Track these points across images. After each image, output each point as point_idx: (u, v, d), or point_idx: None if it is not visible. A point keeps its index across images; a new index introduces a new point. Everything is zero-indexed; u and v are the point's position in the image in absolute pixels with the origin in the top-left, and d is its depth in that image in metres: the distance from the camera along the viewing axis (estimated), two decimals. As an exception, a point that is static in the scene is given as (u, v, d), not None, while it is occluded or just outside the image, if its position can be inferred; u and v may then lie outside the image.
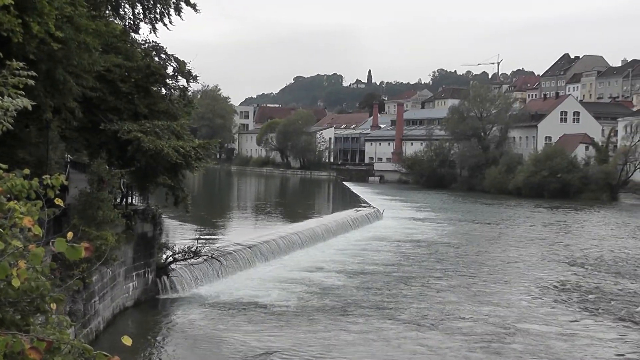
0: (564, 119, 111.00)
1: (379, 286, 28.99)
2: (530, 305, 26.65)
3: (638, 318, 24.95)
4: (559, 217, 65.11)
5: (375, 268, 33.35)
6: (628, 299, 28.30)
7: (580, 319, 24.73)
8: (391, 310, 24.71)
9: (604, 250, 42.49)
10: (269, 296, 25.94)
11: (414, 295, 27.58)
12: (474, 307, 25.78)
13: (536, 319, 24.42)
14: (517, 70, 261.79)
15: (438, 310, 25.00)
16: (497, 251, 41.64)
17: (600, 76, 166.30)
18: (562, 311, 25.82)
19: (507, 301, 27.13)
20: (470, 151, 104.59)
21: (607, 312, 25.80)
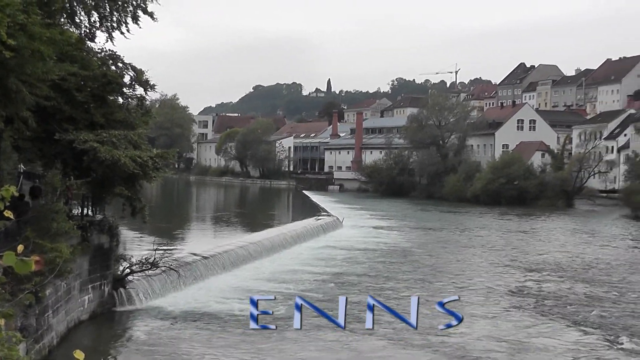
0: (520, 127, 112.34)
1: (339, 295, 28.89)
2: (487, 310, 26.80)
3: (593, 322, 25.25)
4: (516, 223, 65.81)
5: (336, 277, 33.30)
6: (583, 303, 28.66)
7: (536, 324, 24.96)
8: (350, 320, 24.60)
9: (560, 256, 42.98)
10: (228, 307, 25.73)
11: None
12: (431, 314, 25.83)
13: (493, 325, 24.60)
14: (474, 79, 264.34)
15: (395, 318, 24.96)
16: (455, 257, 41.87)
17: (555, 85, 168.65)
18: (518, 316, 26.05)
19: (464, 307, 27.24)
20: (429, 159, 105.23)
21: (562, 316, 26.09)
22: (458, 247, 47.68)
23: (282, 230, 46.70)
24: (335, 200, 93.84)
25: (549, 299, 29.29)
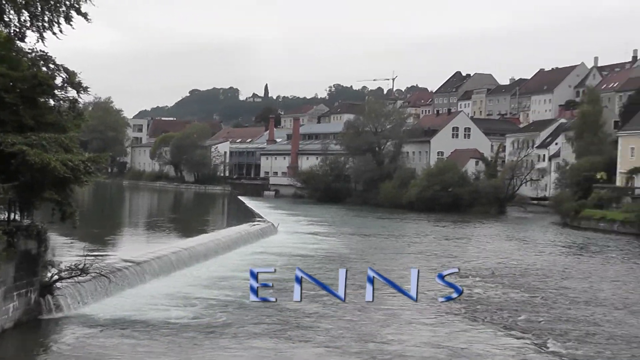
0: (455, 134, 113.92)
1: (274, 302, 28.68)
2: (419, 315, 26.96)
3: (523, 327, 25.65)
4: (450, 230, 66.59)
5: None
6: (514, 308, 29.10)
7: (469, 329, 25.22)
8: (284, 327, 24.51)
9: (493, 262, 43.61)
10: (160, 313, 25.33)
11: (306, 309, 27.44)
12: (365, 320, 25.90)
13: (428, 330, 24.75)
14: (411, 87, 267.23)
15: (329, 324, 24.96)
16: (389, 263, 42.05)
17: (490, 94, 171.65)
18: (450, 321, 26.26)
19: (397, 313, 27.37)
20: (365, 165, 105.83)
21: (494, 322, 26.42)
22: (393, 253, 47.95)
23: (217, 236, 46.27)
24: (270, 206, 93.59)
25: (481, 305, 29.65)
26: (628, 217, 66.27)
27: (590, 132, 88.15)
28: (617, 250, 53.11)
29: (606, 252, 51.88)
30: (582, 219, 71.89)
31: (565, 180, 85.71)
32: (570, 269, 41.95)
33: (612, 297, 32.26)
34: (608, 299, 31.67)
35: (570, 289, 34.45)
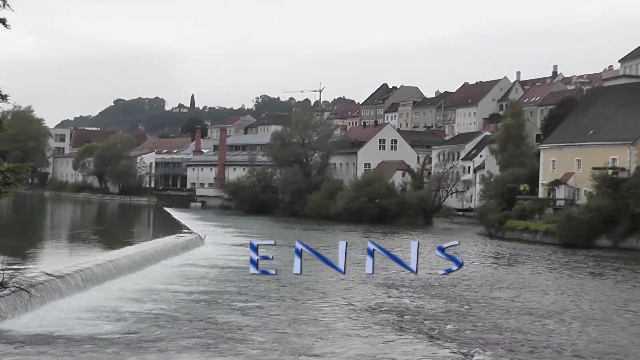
0: (382, 146, 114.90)
1: (201, 314, 28.24)
2: (348, 327, 26.86)
3: (449, 336, 25.79)
4: (377, 241, 66.44)
5: (200, 295, 32.56)
6: (440, 318, 29.28)
7: (396, 340, 25.25)
8: (216, 340, 24.05)
9: (420, 273, 43.72)
10: (83, 329, 24.56)
11: (233, 322, 27.06)
12: (291, 331, 25.66)
13: (354, 340, 24.68)
14: (338, 99, 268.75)
15: (257, 336, 24.64)
16: (315, 274, 41.89)
17: (416, 106, 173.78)
18: (377, 332, 26.24)
19: (323, 324, 27.24)
20: (292, 177, 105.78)
21: (420, 332, 26.52)
22: (319, 263, 47.72)
23: (142, 248, 45.33)
24: (197, 217, 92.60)
25: (409, 315, 29.75)
26: (550, 228, 67.71)
27: (513, 144, 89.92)
28: (540, 260, 54.13)
29: (530, 262, 52.84)
30: (507, 230, 73.20)
31: (490, 192, 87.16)
32: (496, 279, 42.55)
33: (537, 306, 32.74)
34: (533, 308, 32.13)
35: (496, 298, 34.89)
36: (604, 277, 45.14)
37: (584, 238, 63.72)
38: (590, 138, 74.19)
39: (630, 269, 49.24)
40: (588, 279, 44.34)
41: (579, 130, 77.08)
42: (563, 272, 47.36)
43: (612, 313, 31.79)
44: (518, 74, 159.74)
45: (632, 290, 39.62)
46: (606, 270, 48.27)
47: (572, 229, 64.33)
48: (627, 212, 63.15)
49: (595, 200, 65.94)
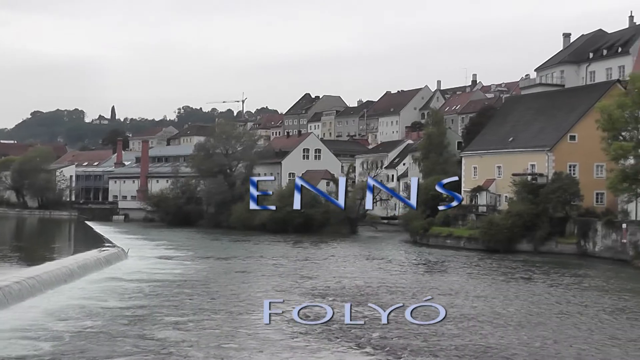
0: (306, 155, 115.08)
1: (123, 330, 27.61)
2: (276, 336, 26.67)
3: (375, 344, 25.89)
4: (303, 250, 66.89)
5: (119, 311, 31.82)
6: (367, 326, 29.29)
7: (322, 348, 25.20)
8: (138, 356, 23.55)
9: (346, 281, 44.01)
10: (2, 350, 23.71)
11: (157, 337, 26.56)
12: (218, 343, 25.39)
13: (280, 351, 24.49)
14: (261, 109, 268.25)
15: (195, 352, 24.25)
16: (243, 286, 41.68)
17: (339, 116, 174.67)
18: (304, 342, 26.13)
19: (252, 335, 26.99)
20: (216, 188, 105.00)
21: (348, 339, 26.51)
22: (245, 274, 47.57)
23: (63, 263, 44.17)
24: (120, 231, 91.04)
25: (335, 323, 29.67)
26: (473, 234, 68.89)
27: (435, 152, 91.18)
28: (464, 266, 54.94)
29: (454, 268, 53.58)
30: (431, 237, 74.10)
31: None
32: (422, 285, 42.98)
33: (462, 311, 33.14)
34: (458, 313, 32.49)
35: (421, 304, 35.13)
36: (526, 281, 46.09)
37: (506, 243, 65.04)
38: (509, 145, 75.84)
39: (551, 272, 50.41)
40: (510, 283, 45.17)
41: (498, 138, 78.72)
42: (486, 277, 48.16)
43: (537, 315, 32.43)
44: (439, 83, 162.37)
45: (554, 292, 40.52)
46: (528, 274, 49.30)
47: (494, 235, 65.58)
48: (546, 216, 64.74)
49: (515, 206, 67.35)
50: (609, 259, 57.92)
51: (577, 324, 30.30)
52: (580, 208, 65.37)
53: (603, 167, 65.41)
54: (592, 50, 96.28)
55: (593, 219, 62.74)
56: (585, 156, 67.46)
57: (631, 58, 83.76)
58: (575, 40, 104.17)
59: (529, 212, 64.97)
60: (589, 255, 60.48)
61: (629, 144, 55.43)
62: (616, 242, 59.22)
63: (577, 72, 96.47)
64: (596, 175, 67.81)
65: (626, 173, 56.30)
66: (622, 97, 57.99)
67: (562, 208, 64.81)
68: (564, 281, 45.47)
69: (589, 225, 62.44)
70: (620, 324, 30.60)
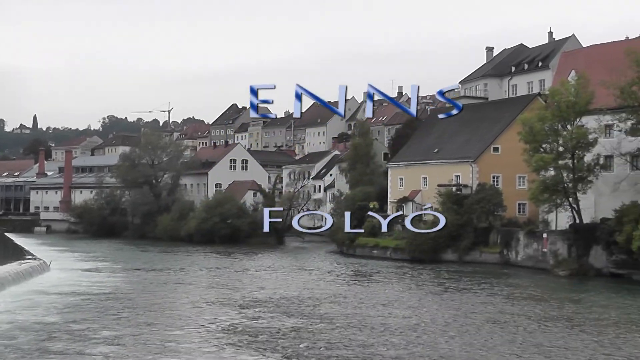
0: (233, 166, 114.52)
1: (46, 345, 26.93)
2: (203, 349, 26.43)
3: (303, 354, 25.88)
4: (230, 261, 66.50)
5: (42, 325, 31.02)
6: (294, 336, 29.31)
7: (249, 359, 25.09)
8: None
9: (272, 292, 43.91)
10: None
11: (82, 352, 25.97)
12: (144, 357, 24.97)
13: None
14: (187, 119, 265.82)
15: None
16: (169, 298, 41.22)
17: (266, 126, 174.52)
18: (233, 353, 25.94)
19: (178, 347, 26.68)
20: (142, 199, 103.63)
21: (275, 351, 26.43)
22: (173, 286, 47.07)
23: (-19, 277, 42.87)
24: (42, 243, 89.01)
25: (263, 335, 29.60)
26: (399, 244, 69.48)
27: (362, 163, 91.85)
28: (390, 276, 55.41)
29: (381, 278, 54.00)
30: (357, 247, 74.47)
31: (340, 210, 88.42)
32: (349, 296, 43.14)
33: (390, 322, 33.38)
34: (386, 324, 32.73)
35: (348, 315, 35.34)
36: (453, 290, 46.69)
37: (431, 253, 65.82)
38: (435, 156, 76.93)
39: (476, 281, 51.22)
40: (438, 293, 45.72)
41: (424, 149, 79.79)
42: (414, 287, 48.68)
43: (468, 325, 32.84)
44: (365, 94, 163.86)
45: (481, 301, 41.15)
46: (455, 284, 49.98)
47: (420, 245, 66.28)
48: (470, 226, 65.81)
49: (440, 216, 68.19)
50: (530, 267, 59.22)
51: (506, 333, 30.79)
52: (503, 218, 66.63)
53: (525, 179, 66.91)
54: (514, 64, 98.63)
55: (515, 228, 64.07)
56: (508, 167, 68.90)
57: (551, 72, 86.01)
58: (497, 54, 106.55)
59: (454, 223, 65.86)
60: (512, 264, 61.70)
61: (549, 156, 56.81)
62: (537, 251, 60.59)
63: (500, 85, 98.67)
64: (518, 186, 69.30)
65: (546, 184, 57.67)
66: (542, 110, 59.45)
67: (485, 218, 65.99)
68: (490, 290, 46.23)
69: (511, 235, 63.73)
70: (549, 332, 31.25)
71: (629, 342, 29.08)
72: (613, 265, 53.72)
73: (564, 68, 71.08)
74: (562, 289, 47.83)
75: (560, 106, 56.73)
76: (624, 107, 54.16)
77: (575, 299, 42.57)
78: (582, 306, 39.48)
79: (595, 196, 59.29)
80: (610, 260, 54.02)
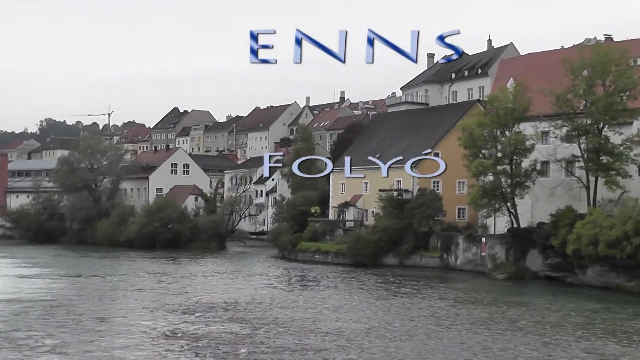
0: (174, 170, 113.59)
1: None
2: (143, 355, 26.20)
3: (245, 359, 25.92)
4: (169, 267, 65.93)
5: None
6: (234, 341, 29.26)
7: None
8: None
9: (213, 297, 43.71)
10: None
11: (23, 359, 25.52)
12: None
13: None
14: (128, 122, 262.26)
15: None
16: (108, 304, 40.76)
17: (208, 130, 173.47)
18: (173, 359, 25.82)
19: (121, 354, 26.41)
20: (81, 203, 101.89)
21: (215, 356, 26.35)
22: (115, 292, 46.50)
23: None
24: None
25: (203, 340, 29.47)
26: (341, 249, 69.79)
27: (304, 168, 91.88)
28: (331, 281, 55.58)
29: (322, 283, 54.16)
30: (299, 252, 74.54)
31: (282, 215, 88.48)
32: (290, 301, 43.17)
33: (330, 326, 33.51)
34: (326, 328, 32.85)
35: (290, 319, 35.37)
36: (394, 294, 47.12)
37: (373, 257, 66.23)
38: (376, 161, 77.40)
39: (418, 285, 51.76)
40: (381, 297, 46.09)
41: (366, 154, 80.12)
42: (357, 292, 48.93)
43: (409, 329, 33.16)
44: (307, 99, 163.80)
45: (421, 305, 41.59)
46: (397, 288, 50.44)
47: (361, 249, 66.66)
48: (411, 231, 66.46)
49: (382, 221, 68.74)
50: (469, 271, 60.08)
51: (455, 336, 31.22)
52: (444, 223, 67.42)
53: (464, 184, 67.86)
54: (454, 70, 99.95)
55: (455, 233, 64.92)
56: (448, 172, 69.11)
57: (490, 79, 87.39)
58: (438, 61, 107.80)
59: (395, 227, 66.50)
60: (451, 268, 62.50)
61: (488, 162, 57.77)
62: (476, 255, 61.52)
63: (441, 92, 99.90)
64: (458, 191, 70.20)
65: (485, 189, 58.65)
66: (481, 116, 60.46)
67: (426, 223, 66.70)
68: (433, 294, 46.76)
69: (451, 240, 64.56)
70: (494, 335, 31.76)
71: (568, 344, 29.77)
72: (548, 269, 54.89)
73: (503, 75, 72.41)
74: (501, 292, 48.63)
75: (499, 113, 57.82)
76: (559, 114, 55.46)
77: (515, 302, 43.35)
78: (523, 309, 40.27)
79: (532, 201, 60.52)
80: (546, 264, 55.19)
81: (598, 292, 47.17)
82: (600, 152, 53.72)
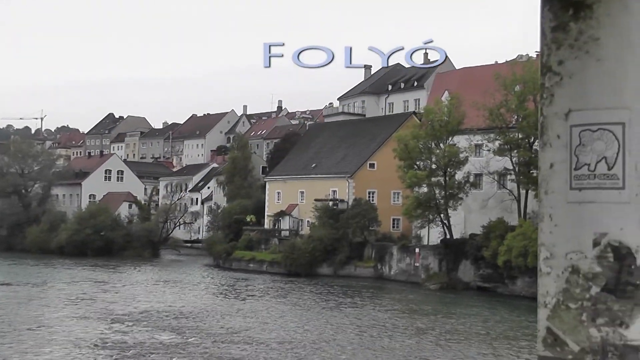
0: (108, 177, 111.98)
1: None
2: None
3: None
4: (101, 275, 64.83)
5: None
6: (166, 351, 28.93)
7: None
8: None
9: (145, 306, 43.17)
10: None
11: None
12: None
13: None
14: (61, 127, 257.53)
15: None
16: (37, 312, 39.82)
17: (143, 137, 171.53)
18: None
19: None
20: (10, 209, 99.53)
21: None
22: (40, 301, 45.46)
23: None
24: None
25: (133, 349, 29.08)
26: (275, 258, 69.70)
27: (240, 176, 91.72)
28: (265, 290, 55.46)
29: (256, 292, 53.97)
30: (234, 260, 74.17)
31: (218, 223, 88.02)
32: (223, 310, 42.92)
33: (264, 336, 33.41)
34: (259, 338, 32.74)
35: (224, 328, 35.17)
36: (330, 304, 47.22)
37: (307, 267, 66.31)
38: (312, 171, 77.70)
39: (352, 295, 51.99)
40: (316, 307, 46.13)
41: (302, 163, 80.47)
42: (293, 301, 48.85)
43: (348, 339, 33.26)
44: (245, 108, 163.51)
45: (357, 315, 41.76)
46: (331, 298, 50.58)
47: (296, 259, 66.70)
48: (346, 241, 66.76)
49: (317, 231, 68.93)
50: (403, 281, 60.61)
51: (395, 346, 31.44)
52: (378, 233, 67.91)
53: (399, 194, 68.49)
54: (390, 82, 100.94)
55: (389, 243, 65.46)
56: (383, 183, 70.31)
57: (426, 92, 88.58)
58: (375, 73, 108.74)
59: (330, 237, 66.71)
60: (385, 278, 62.96)
61: (422, 173, 58.50)
62: (410, 266, 62.12)
63: (377, 103, 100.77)
64: (393, 202, 70.86)
65: (420, 200, 59.35)
66: (417, 128, 61.21)
67: (361, 233, 67.07)
68: (367, 304, 47.05)
69: (385, 250, 65.06)
70: (425, 343, 32.07)
71: (499, 353, 30.25)
72: (480, 279, 55.76)
73: (438, 88, 73.49)
74: (434, 302, 49.17)
75: (434, 125, 58.63)
76: (492, 128, 56.49)
77: (447, 312, 43.88)
78: (454, 319, 40.79)
79: (465, 213, 61.43)
80: (478, 274, 56.05)
81: (527, 302, 48.05)
82: (531, 165, 54.83)
